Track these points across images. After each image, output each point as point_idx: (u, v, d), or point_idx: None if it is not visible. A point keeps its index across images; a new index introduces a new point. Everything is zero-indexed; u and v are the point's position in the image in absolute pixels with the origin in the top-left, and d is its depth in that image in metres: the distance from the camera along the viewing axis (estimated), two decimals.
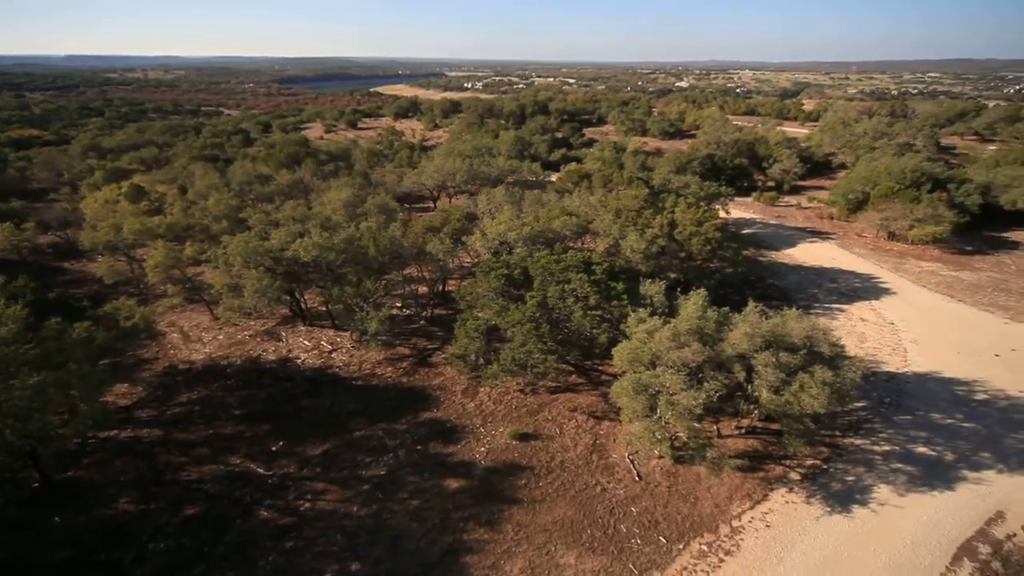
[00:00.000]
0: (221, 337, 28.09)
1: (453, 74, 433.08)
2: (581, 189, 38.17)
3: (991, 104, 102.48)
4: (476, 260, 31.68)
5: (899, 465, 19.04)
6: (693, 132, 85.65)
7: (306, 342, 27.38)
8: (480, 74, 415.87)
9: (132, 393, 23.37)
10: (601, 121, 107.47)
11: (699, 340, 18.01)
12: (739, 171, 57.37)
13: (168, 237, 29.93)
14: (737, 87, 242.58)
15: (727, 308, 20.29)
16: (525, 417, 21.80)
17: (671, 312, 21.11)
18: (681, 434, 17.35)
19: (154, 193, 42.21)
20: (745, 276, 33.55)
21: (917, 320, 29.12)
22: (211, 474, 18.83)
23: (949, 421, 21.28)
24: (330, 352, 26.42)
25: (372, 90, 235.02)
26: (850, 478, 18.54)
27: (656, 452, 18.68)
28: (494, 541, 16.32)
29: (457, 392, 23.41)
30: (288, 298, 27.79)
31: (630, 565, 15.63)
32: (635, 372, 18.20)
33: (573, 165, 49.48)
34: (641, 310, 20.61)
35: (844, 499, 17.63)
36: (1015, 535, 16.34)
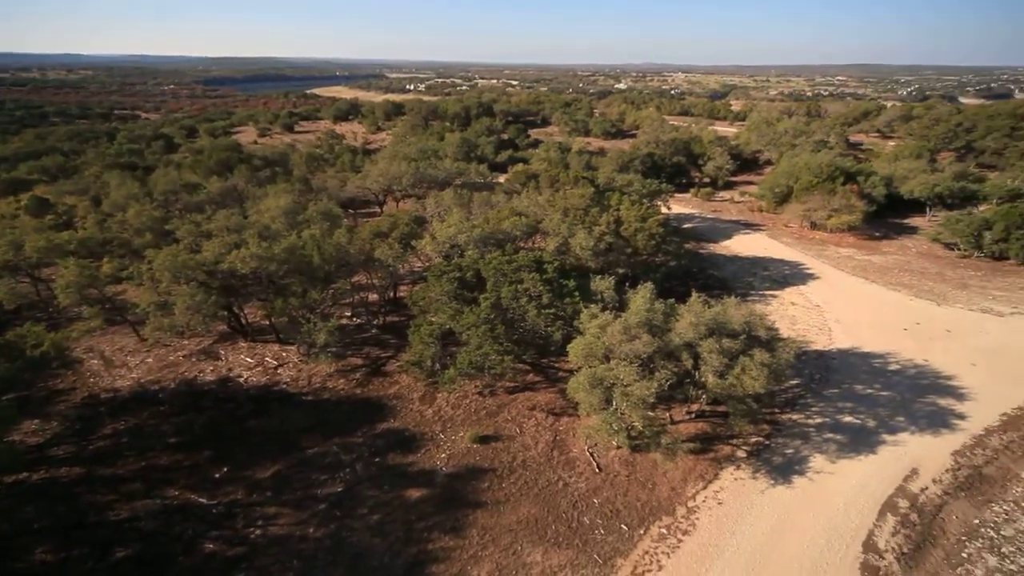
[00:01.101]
0: (150, 360, 25.84)
1: (394, 75, 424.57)
2: (529, 189, 38.58)
3: (889, 105, 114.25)
4: (427, 264, 31.20)
5: (830, 435, 20.74)
6: (633, 132, 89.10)
7: (248, 359, 25.77)
8: (422, 76, 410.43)
9: (45, 429, 20.99)
10: (545, 122, 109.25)
11: (649, 332, 18.73)
12: (677, 169, 60.30)
13: (81, 254, 27.18)
14: (671, 89, 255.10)
15: (673, 300, 21.25)
16: (485, 419, 21.71)
17: (621, 306, 21.81)
18: (637, 423, 17.94)
19: (61, 206, 38.14)
20: (688, 268, 35.31)
21: (838, 301, 31.88)
22: (145, 510, 17.27)
23: (869, 391, 23.46)
24: (276, 368, 25.03)
25: (308, 92, 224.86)
26: (789, 451, 19.97)
27: (614, 443, 19.22)
28: (460, 547, 16.12)
29: (414, 400, 22.92)
30: (226, 313, 26.04)
31: (595, 555, 15.96)
32: (590, 367, 18.63)
33: (520, 166, 49.94)
34: (593, 306, 21.13)
35: (785, 471, 18.96)
36: (927, 488, 18.28)
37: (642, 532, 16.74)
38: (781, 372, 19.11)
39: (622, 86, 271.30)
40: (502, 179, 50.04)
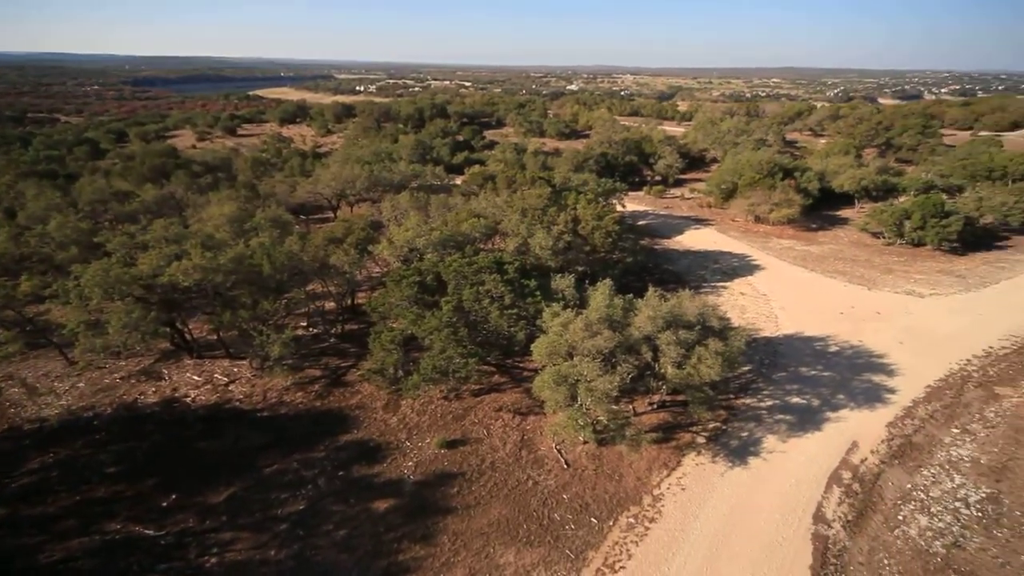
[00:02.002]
0: (82, 385, 23.78)
1: (343, 76, 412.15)
2: (487, 191, 38.55)
3: (818, 105, 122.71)
4: (386, 270, 30.52)
5: (780, 416, 22.00)
6: (587, 132, 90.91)
7: (195, 377, 24.22)
8: (372, 76, 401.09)
9: None
10: (500, 123, 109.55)
11: (609, 327, 19.16)
12: (630, 167, 62.12)
13: None
14: (621, 90, 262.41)
15: (631, 295, 21.85)
16: (451, 424, 21.47)
17: (582, 304, 22.19)
18: (602, 418, 18.31)
19: None
20: (644, 264, 36.41)
21: (783, 290, 33.90)
22: (83, 548, 15.87)
23: (813, 372, 25.08)
24: (227, 385, 23.67)
25: (251, 93, 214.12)
26: (745, 434, 21.01)
27: (581, 438, 19.50)
28: (431, 555, 15.85)
29: (377, 409, 22.33)
30: (168, 330, 24.39)
31: (566, 551, 16.14)
32: (554, 364, 18.84)
33: (477, 167, 49.87)
34: (554, 304, 21.38)
35: (742, 453, 19.93)
36: (866, 459, 19.75)
37: (611, 523, 17.09)
38: (734, 359, 20.06)
39: (574, 87, 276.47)
40: (459, 181, 49.74)
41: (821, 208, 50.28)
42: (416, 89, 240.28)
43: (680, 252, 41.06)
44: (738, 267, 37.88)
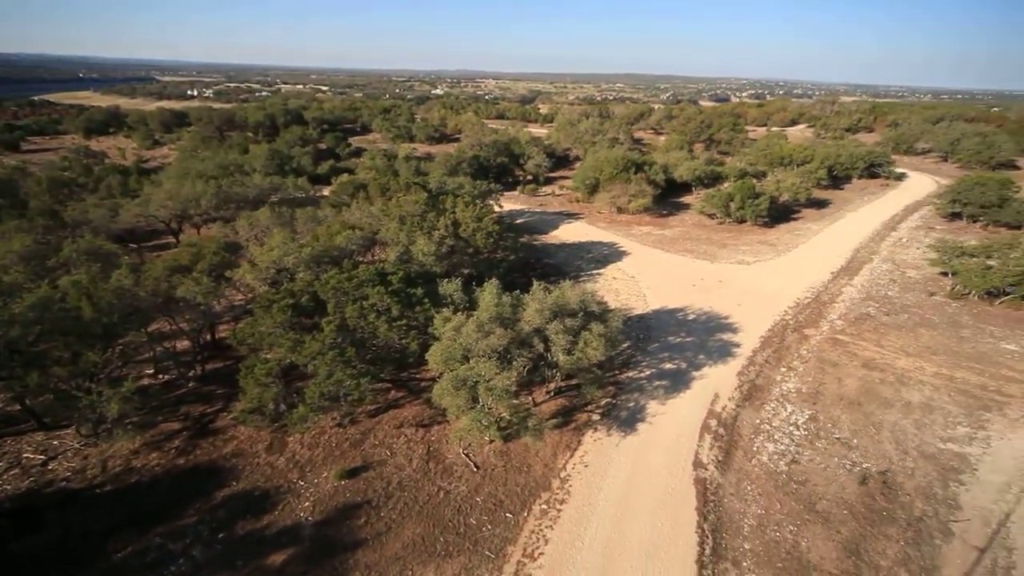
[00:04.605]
0: None
1: (169, 79, 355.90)
2: (359, 200, 36.56)
3: (656, 107, 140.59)
4: (250, 296, 27.17)
5: (658, 382, 24.71)
6: (456, 136, 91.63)
7: None
8: (207, 79, 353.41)
9: None
10: (366, 129, 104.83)
11: (501, 325, 19.57)
12: (502, 168, 64.21)
13: None
14: (486, 94, 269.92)
15: (517, 291, 22.56)
16: (349, 451, 19.96)
17: (472, 305, 22.29)
18: (504, 414, 18.63)
19: None
20: (526, 260, 37.96)
21: (647, 271, 38.11)
22: None
23: (678, 340, 28.66)
24: (44, 464, 18.87)
25: (39, 98, 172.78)
26: (631, 404, 23.15)
27: (487, 438, 19.61)
28: None
29: (259, 452, 19.78)
30: None
31: (486, 552, 16.11)
32: (451, 370, 18.63)
33: (345, 176, 47.09)
34: (444, 310, 21.14)
35: (631, 422, 21.94)
36: (725, 406, 23.20)
37: (525, 514, 17.50)
38: (615, 339, 21.96)
39: (439, 91, 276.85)
40: (327, 192, 46.40)
41: (668, 197, 57.66)
42: (264, 93, 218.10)
43: (557, 246, 43.68)
44: (608, 254, 41.60)
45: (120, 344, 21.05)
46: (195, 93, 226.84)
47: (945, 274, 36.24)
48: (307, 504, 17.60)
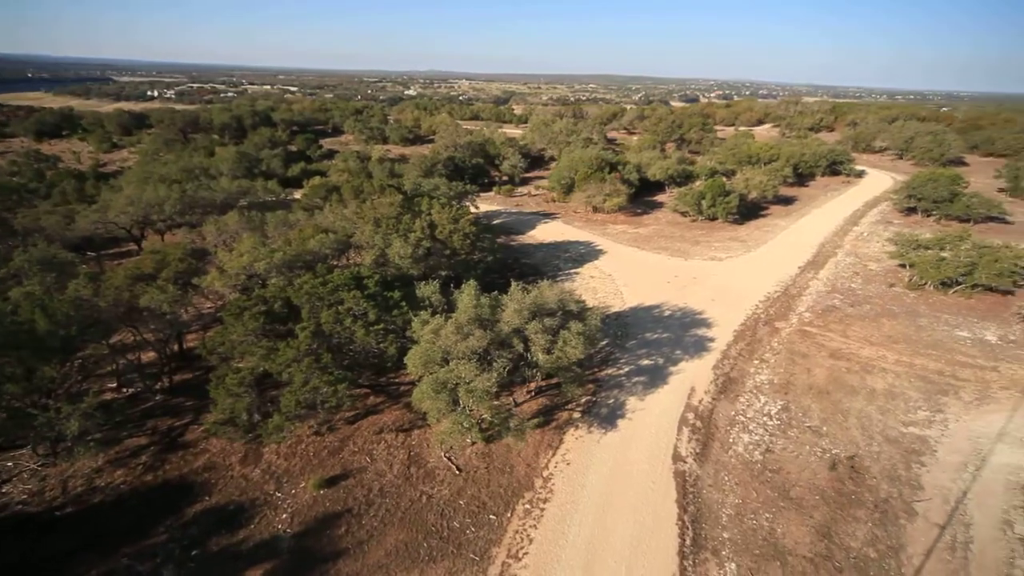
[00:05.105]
0: None
1: (127, 79, 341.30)
2: (332, 203, 35.86)
3: (628, 107, 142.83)
4: (220, 303, 26.32)
5: (636, 378, 25.09)
6: (431, 137, 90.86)
7: None
8: (168, 79, 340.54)
9: None
10: (337, 131, 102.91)
11: (480, 326, 19.50)
12: (478, 169, 64.02)
13: None
14: (459, 95, 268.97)
15: (496, 292, 22.52)
16: (328, 460, 19.55)
17: (450, 307, 22.15)
18: (486, 415, 18.58)
19: None
20: (503, 261, 37.94)
21: (623, 269, 38.66)
22: None
23: (655, 336, 29.16)
24: None
25: None
26: (611, 401, 23.43)
27: (469, 440, 19.53)
28: None
29: (233, 465, 19.17)
30: None
31: (470, 555, 16.03)
32: (431, 373, 18.46)
33: (318, 179, 46.03)
34: (423, 313, 20.93)
35: (611, 418, 22.20)
36: (702, 399, 23.73)
37: (509, 515, 17.49)
38: (594, 336, 22.17)
39: (412, 92, 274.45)
40: (298, 195, 45.33)
41: (642, 195, 58.62)
42: (230, 95, 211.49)
43: (535, 246, 43.85)
44: (585, 253, 42.00)
45: (79, 357, 20.06)
46: (156, 94, 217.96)
47: (903, 266, 38.00)
48: (285, 516, 17.14)
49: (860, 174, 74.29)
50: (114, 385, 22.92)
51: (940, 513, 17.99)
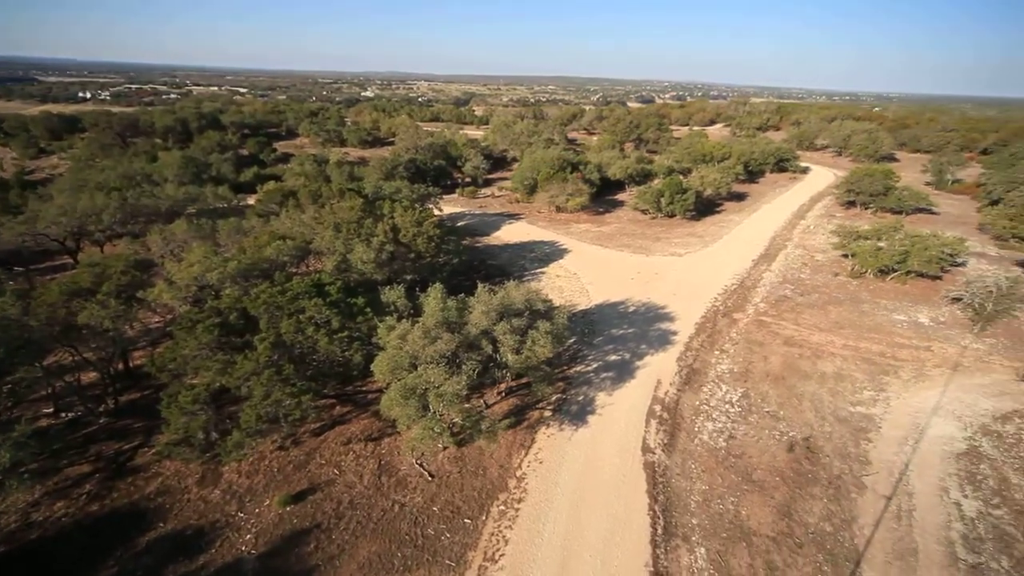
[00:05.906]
0: None
1: (54, 79, 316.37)
2: (288, 208, 34.58)
3: (587, 108, 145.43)
4: (169, 317, 24.85)
5: (605, 374, 25.53)
6: (391, 139, 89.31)
7: None
8: (103, 79, 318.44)
9: None
10: (292, 134, 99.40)
11: (447, 330, 19.30)
12: (440, 171, 63.44)
13: None
14: (418, 96, 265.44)
15: (463, 294, 22.38)
16: (294, 474, 18.82)
17: (416, 312, 21.81)
18: (457, 419, 18.39)
19: None
20: (469, 262, 37.74)
21: (588, 267, 39.27)
22: None
23: (621, 332, 29.79)
24: None
25: None
26: (581, 397, 23.74)
27: (440, 445, 19.27)
28: None
29: (190, 487, 18.12)
30: None
31: (446, 561, 15.83)
32: (399, 379, 18.11)
33: (272, 184, 44.43)
34: (388, 318, 20.50)
35: (582, 415, 22.49)
36: (668, 391, 24.44)
37: (484, 518, 17.39)
38: (561, 335, 22.38)
39: (369, 94, 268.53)
40: (252, 200, 43.49)
41: (603, 194, 59.76)
42: (172, 96, 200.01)
43: (500, 247, 43.86)
44: (550, 253, 42.39)
45: (8, 382, 18.40)
46: (88, 95, 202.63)
47: (846, 256, 40.54)
48: (248, 536, 16.36)
49: (805, 170, 78.75)
50: (51, 410, 21.21)
51: (886, 485, 19.28)
